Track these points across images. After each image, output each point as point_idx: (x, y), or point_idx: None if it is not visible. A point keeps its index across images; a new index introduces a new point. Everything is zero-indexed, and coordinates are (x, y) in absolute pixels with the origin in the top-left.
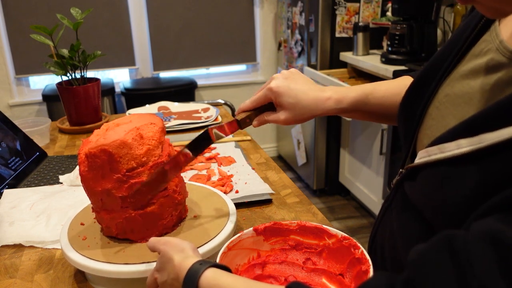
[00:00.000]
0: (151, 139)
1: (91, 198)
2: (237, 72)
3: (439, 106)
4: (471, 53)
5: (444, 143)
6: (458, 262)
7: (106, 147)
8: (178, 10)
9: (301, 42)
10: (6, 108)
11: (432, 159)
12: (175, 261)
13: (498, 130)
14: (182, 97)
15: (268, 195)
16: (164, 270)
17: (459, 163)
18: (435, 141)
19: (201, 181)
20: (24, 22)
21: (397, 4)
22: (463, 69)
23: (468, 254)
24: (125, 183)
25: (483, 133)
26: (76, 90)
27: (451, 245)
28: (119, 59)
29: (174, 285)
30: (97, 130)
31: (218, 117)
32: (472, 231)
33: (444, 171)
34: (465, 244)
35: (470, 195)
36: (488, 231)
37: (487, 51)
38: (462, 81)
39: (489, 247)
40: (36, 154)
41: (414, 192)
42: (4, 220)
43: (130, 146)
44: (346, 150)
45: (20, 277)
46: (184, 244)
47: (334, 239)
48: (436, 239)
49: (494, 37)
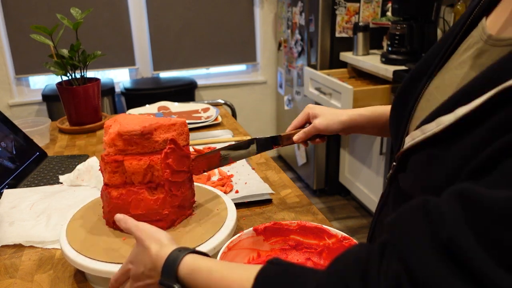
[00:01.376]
0: (108, 135)
1: None
2: (237, 72)
3: (429, 98)
4: (460, 48)
5: (425, 124)
6: (430, 219)
7: None
8: (178, 10)
9: (301, 42)
10: (6, 108)
11: (415, 141)
12: (151, 250)
13: (470, 103)
14: (182, 97)
15: (268, 195)
16: (140, 262)
17: (439, 141)
18: (419, 125)
19: (201, 181)
20: (24, 22)
21: (397, 4)
22: (453, 63)
23: (439, 210)
24: None
25: (459, 107)
26: (76, 90)
27: (425, 206)
28: (119, 59)
29: (151, 276)
30: None
31: (218, 117)
32: (444, 192)
33: (428, 152)
34: (437, 203)
35: (452, 172)
36: (458, 189)
37: (474, 44)
38: (450, 72)
39: (457, 202)
40: (36, 154)
41: (406, 181)
42: (4, 220)
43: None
44: (346, 150)
45: (20, 277)
46: (160, 234)
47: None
48: (411, 202)
49: (480, 31)
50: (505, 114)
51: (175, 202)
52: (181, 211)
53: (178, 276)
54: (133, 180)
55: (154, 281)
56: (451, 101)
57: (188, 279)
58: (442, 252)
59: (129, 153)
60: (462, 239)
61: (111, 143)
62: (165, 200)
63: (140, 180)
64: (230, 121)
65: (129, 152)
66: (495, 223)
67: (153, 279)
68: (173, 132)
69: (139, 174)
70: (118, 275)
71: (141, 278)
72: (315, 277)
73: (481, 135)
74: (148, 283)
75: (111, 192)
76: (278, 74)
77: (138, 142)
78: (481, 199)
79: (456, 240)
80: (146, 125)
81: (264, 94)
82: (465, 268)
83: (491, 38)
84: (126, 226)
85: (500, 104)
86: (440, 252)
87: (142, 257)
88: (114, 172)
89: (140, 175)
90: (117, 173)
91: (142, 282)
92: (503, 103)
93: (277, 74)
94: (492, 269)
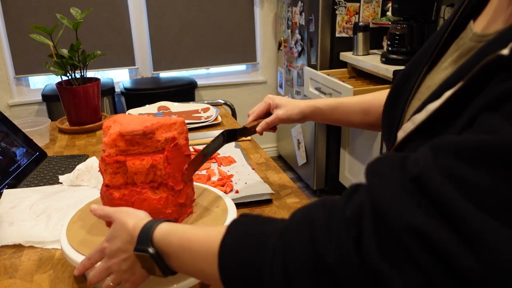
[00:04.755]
0: (109, 137)
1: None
2: (237, 72)
3: (421, 97)
4: (450, 50)
5: (415, 114)
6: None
7: None
8: (178, 10)
9: (301, 42)
10: (6, 108)
11: (407, 133)
12: (129, 224)
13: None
14: (182, 97)
15: (268, 195)
16: (117, 237)
17: (428, 129)
18: (409, 117)
19: (201, 181)
20: (24, 22)
21: (397, 4)
22: (443, 64)
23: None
24: None
25: (445, 92)
26: (76, 90)
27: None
28: (119, 59)
29: (127, 250)
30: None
31: (218, 117)
32: None
33: (418, 142)
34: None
35: None
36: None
37: (463, 44)
38: (441, 72)
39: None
40: (36, 154)
41: None
42: (4, 220)
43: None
44: (346, 150)
45: (20, 277)
46: (138, 212)
47: None
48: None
49: (468, 32)
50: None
51: (177, 201)
52: (183, 209)
53: (153, 241)
54: (135, 180)
55: (129, 255)
56: (439, 89)
57: (162, 242)
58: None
59: (130, 153)
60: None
61: (112, 144)
62: (168, 199)
63: (142, 180)
64: (230, 121)
65: (130, 152)
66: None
67: (129, 253)
68: (174, 131)
69: (142, 174)
70: (92, 253)
71: (116, 254)
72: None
73: (468, 114)
74: (124, 258)
75: (113, 193)
76: (278, 74)
77: (140, 142)
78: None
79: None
80: (148, 124)
81: (264, 94)
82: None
83: (475, 35)
84: (103, 213)
85: (485, 80)
86: (407, 186)
87: (119, 232)
88: (115, 173)
89: (142, 175)
90: (118, 174)
91: (117, 259)
92: (488, 78)
93: (277, 74)
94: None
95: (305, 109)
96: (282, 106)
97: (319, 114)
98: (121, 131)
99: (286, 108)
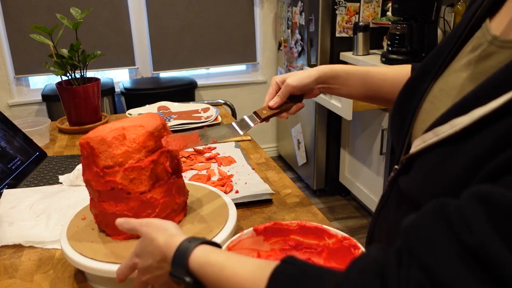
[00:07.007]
0: (133, 142)
1: None
2: (237, 72)
3: (433, 100)
4: (464, 50)
5: (438, 126)
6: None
7: (89, 140)
8: (178, 10)
9: (301, 42)
10: (6, 108)
11: (427, 144)
12: (159, 241)
13: (487, 104)
14: (182, 97)
15: (268, 195)
16: (148, 254)
17: (452, 143)
18: (430, 127)
19: (201, 181)
20: (24, 22)
21: (397, 4)
22: (457, 65)
23: (460, 214)
24: (102, 178)
25: (474, 109)
26: (76, 90)
27: (443, 209)
28: (119, 59)
29: (161, 267)
30: None
31: (218, 117)
32: (461, 195)
33: (438, 153)
34: (456, 207)
35: (464, 172)
36: (476, 192)
37: (479, 45)
38: (455, 74)
39: (480, 206)
40: (36, 154)
41: (409, 185)
42: (4, 220)
43: (109, 144)
44: (346, 150)
45: (20, 277)
46: (166, 224)
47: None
48: (427, 206)
49: (485, 33)
50: None
51: (180, 191)
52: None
53: (189, 269)
54: (159, 177)
55: (164, 272)
56: (465, 102)
57: (199, 272)
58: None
59: (155, 151)
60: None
61: (140, 148)
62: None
63: (164, 174)
64: (230, 121)
65: (156, 149)
66: None
67: (163, 270)
68: None
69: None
70: (122, 269)
71: (149, 270)
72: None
73: (496, 136)
74: (157, 275)
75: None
76: (278, 74)
77: (161, 136)
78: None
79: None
80: (157, 118)
81: (264, 94)
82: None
83: (497, 40)
84: (129, 227)
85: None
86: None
87: (150, 248)
88: (150, 177)
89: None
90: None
91: (150, 275)
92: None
93: (277, 74)
94: None
95: (316, 73)
96: (291, 75)
97: (332, 77)
98: (148, 130)
99: (296, 74)
